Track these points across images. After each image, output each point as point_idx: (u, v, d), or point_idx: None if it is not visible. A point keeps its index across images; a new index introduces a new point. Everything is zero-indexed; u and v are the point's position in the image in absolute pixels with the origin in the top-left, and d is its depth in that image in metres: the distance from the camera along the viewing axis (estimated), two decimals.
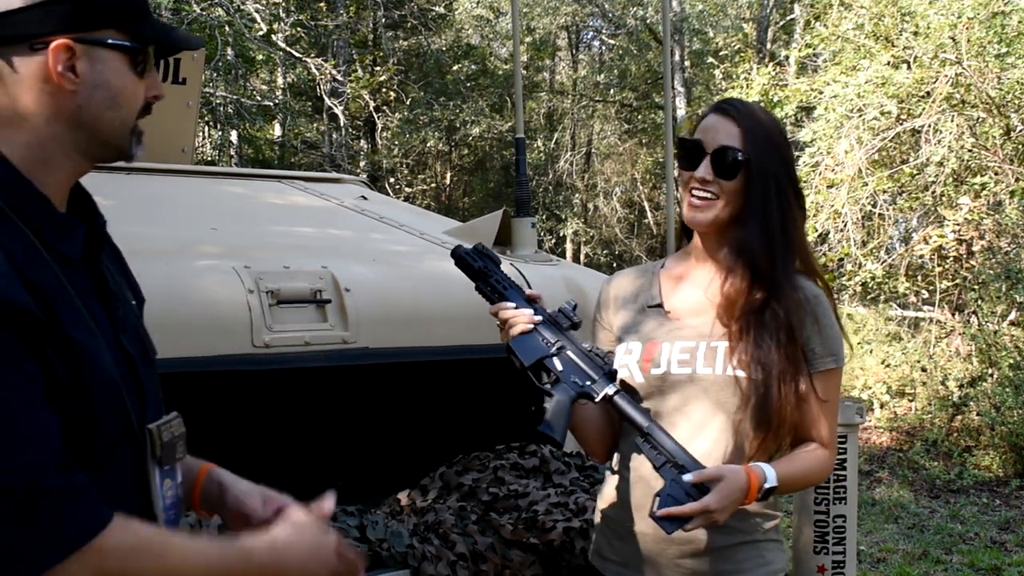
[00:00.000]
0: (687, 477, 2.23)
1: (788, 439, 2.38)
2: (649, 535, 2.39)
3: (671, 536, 2.27)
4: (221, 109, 15.72)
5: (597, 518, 2.58)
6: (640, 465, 2.39)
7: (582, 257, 23.81)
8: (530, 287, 3.55)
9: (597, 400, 2.37)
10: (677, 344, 2.41)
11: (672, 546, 2.35)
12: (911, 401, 11.53)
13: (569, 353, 2.40)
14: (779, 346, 2.31)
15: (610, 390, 2.37)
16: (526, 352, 2.39)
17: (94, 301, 1.68)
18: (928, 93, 11.17)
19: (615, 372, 2.40)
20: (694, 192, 2.39)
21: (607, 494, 2.53)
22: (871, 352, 12.20)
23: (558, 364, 2.39)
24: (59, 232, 1.64)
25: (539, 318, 2.42)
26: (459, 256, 2.52)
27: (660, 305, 2.50)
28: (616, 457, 2.52)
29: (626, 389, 2.42)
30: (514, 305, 2.43)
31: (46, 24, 1.62)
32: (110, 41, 1.67)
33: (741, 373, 2.32)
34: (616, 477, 2.50)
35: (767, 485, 2.27)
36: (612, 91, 24.83)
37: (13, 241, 1.57)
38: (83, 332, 1.60)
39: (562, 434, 2.36)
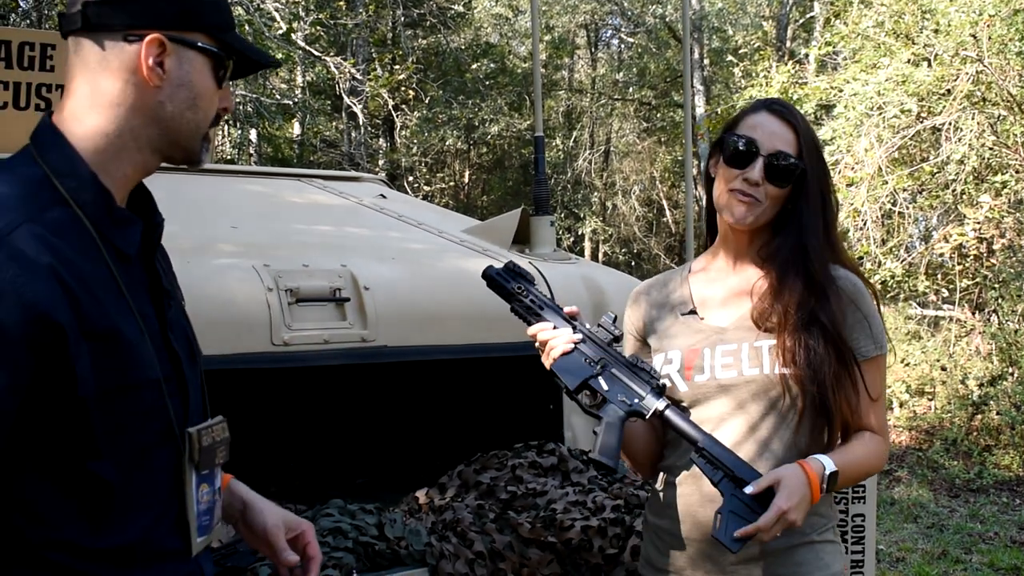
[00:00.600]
0: (748, 489, 2.18)
1: (839, 433, 2.36)
2: (703, 542, 2.35)
3: None
4: (240, 108, 15.75)
5: (644, 527, 2.54)
6: (690, 474, 2.37)
7: (600, 255, 23.76)
8: (551, 290, 3.55)
9: (648, 417, 2.33)
10: (719, 348, 2.38)
11: (728, 552, 2.28)
12: (931, 400, 11.48)
13: (614, 370, 2.35)
14: (827, 340, 2.29)
15: (660, 405, 2.32)
16: (569, 374, 2.34)
17: (146, 299, 1.69)
18: (949, 91, 11.11)
19: (663, 386, 2.36)
20: (739, 191, 2.36)
21: (655, 503, 2.50)
22: (891, 351, 12.15)
23: (603, 383, 2.34)
24: (117, 228, 1.65)
25: (579, 336, 2.36)
26: (490, 277, 2.48)
27: (694, 311, 2.47)
28: (662, 469, 2.49)
29: (670, 400, 2.39)
30: (552, 325, 2.38)
31: (144, 17, 1.66)
32: (200, 44, 1.70)
33: (789, 371, 2.30)
34: (664, 486, 2.47)
35: (827, 471, 2.24)
36: (631, 89, 24.78)
37: (70, 231, 1.58)
38: (130, 329, 1.61)
39: (616, 460, 2.31)
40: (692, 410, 2.39)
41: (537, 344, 2.40)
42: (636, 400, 2.33)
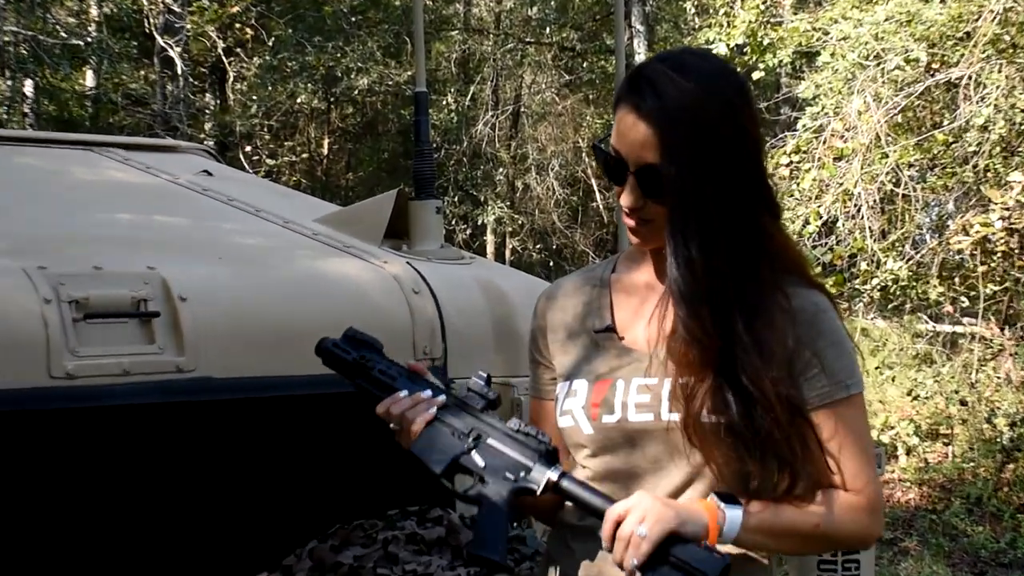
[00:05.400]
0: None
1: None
2: None
3: None
4: (12, 50, 15.50)
5: None
6: (591, 526, 2.39)
7: (507, 253, 23.83)
8: (440, 311, 3.58)
9: (540, 492, 2.37)
10: (635, 381, 2.40)
11: None
12: (947, 445, 11.69)
13: (491, 441, 2.41)
14: (767, 378, 2.29)
15: (553, 475, 2.37)
16: (434, 455, 2.40)
17: None
18: (968, 34, 11.34)
19: (554, 451, 2.40)
20: (625, 212, 2.39)
21: (555, 550, 2.55)
22: (893, 380, 12.35)
23: (479, 459, 2.40)
24: None
25: (440, 399, 2.43)
26: (326, 351, 2.55)
27: (611, 328, 2.49)
28: (561, 523, 2.53)
29: (573, 442, 2.44)
30: (405, 393, 2.45)
31: None
32: None
33: (718, 418, 2.30)
34: (559, 540, 2.53)
35: (727, 504, 2.29)
36: (548, 30, 24.92)
37: None
38: None
39: (503, 554, 2.37)
40: (598, 459, 2.42)
41: (392, 425, 2.46)
42: (522, 474, 2.39)
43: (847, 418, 2.40)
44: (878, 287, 11.93)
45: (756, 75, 13.26)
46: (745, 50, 13.44)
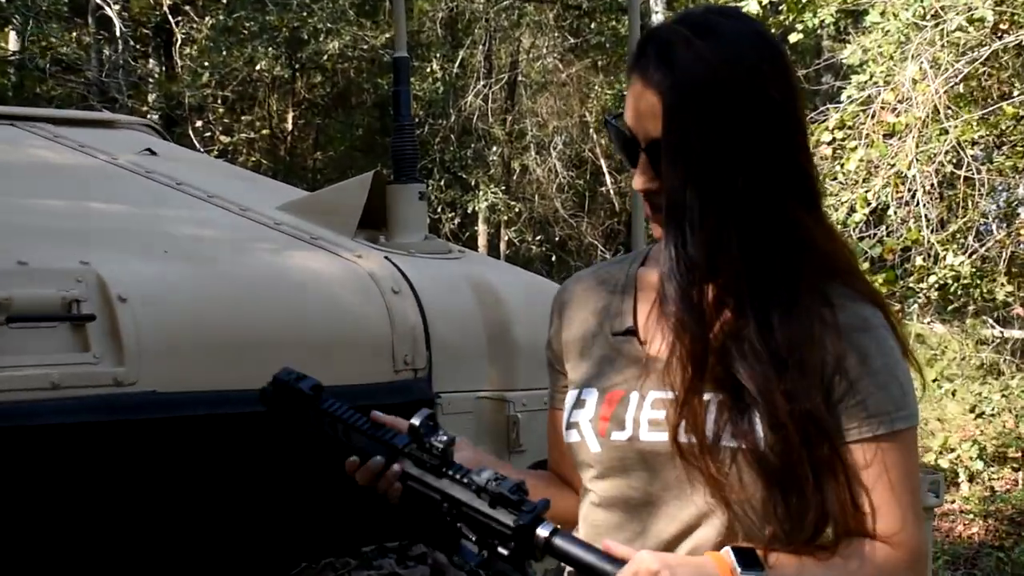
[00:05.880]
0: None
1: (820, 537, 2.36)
2: None
3: None
4: None
5: None
6: None
7: (502, 245, 23.85)
8: (426, 321, 3.56)
9: (537, 557, 2.36)
10: (651, 395, 2.39)
11: None
12: (1016, 470, 11.70)
13: (466, 511, 2.39)
14: (779, 391, 2.27)
15: (543, 532, 2.33)
16: None
17: None
18: None
19: (536, 506, 2.35)
20: (642, 195, 2.39)
21: None
22: (954, 394, 12.34)
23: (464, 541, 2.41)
24: None
25: (396, 471, 2.46)
26: (280, 381, 2.69)
27: (632, 332, 2.49)
28: None
29: (579, 460, 2.45)
30: (356, 463, 2.51)
31: None
32: None
33: (739, 443, 2.30)
34: None
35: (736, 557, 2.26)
36: None
37: None
38: None
39: None
40: (606, 482, 2.42)
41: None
42: (512, 544, 2.35)
43: (892, 456, 2.37)
44: (936, 286, 11.90)
45: (793, 38, 13.24)
46: (780, 8, 13.42)
